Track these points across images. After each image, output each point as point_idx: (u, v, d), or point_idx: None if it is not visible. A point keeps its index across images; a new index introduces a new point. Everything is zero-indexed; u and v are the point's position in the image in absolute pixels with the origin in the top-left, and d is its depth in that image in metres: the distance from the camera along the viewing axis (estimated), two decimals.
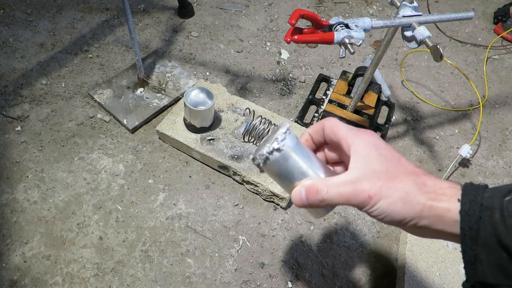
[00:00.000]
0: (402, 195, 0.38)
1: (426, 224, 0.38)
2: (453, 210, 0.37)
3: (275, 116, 1.05)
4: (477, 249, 0.36)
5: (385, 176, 0.38)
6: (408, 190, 0.38)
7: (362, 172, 0.39)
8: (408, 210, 0.38)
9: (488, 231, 0.35)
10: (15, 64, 1.15)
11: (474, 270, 0.37)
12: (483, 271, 0.36)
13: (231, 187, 0.99)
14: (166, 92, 1.12)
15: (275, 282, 0.86)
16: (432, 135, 1.17)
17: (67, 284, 0.81)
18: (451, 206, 0.37)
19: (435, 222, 0.38)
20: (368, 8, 1.52)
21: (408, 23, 0.74)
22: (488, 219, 0.36)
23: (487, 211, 0.36)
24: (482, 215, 0.36)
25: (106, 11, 1.35)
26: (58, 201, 0.92)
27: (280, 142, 0.43)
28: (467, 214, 0.36)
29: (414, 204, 0.38)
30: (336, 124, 0.44)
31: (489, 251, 0.35)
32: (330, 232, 0.95)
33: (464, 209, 0.36)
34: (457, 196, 0.37)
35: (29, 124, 1.04)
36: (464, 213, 0.36)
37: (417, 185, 0.38)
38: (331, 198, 0.40)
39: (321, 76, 1.23)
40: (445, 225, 0.38)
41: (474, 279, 0.37)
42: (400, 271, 0.88)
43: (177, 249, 0.88)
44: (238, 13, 1.42)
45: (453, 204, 0.37)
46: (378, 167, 0.39)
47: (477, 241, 0.36)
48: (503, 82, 1.35)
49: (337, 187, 0.40)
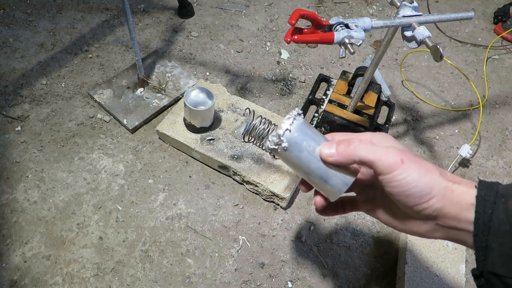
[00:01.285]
0: (429, 170, 0.40)
1: (443, 206, 0.39)
2: (469, 195, 0.38)
3: (275, 116, 1.06)
4: (489, 235, 0.36)
5: (411, 156, 0.41)
6: (432, 170, 0.40)
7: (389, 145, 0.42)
8: (433, 185, 0.39)
9: (502, 218, 0.36)
10: (15, 64, 1.15)
11: (484, 257, 0.37)
12: (494, 261, 0.36)
13: (231, 187, 0.99)
14: (166, 92, 1.12)
15: (275, 282, 0.86)
16: (432, 135, 1.17)
17: (67, 284, 0.81)
18: (468, 191, 0.39)
19: (452, 204, 0.39)
20: (368, 8, 1.52)
21: (408, 23, 0.74)
22: (503, 206, 0.36)
23: (502, 198, 0.37)
24: (497, 201, 0.37)
25: (106, 11, 1.35)
26: (58, 201, 0.92)
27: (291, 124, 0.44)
28: (483, 199, 0.37)
29: (437, 181, 0.39)
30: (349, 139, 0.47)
31: (502, 239, 0.36)
32: (330, 232, 0.95)
33: (481, 194, 0.38)
34: (474, 184, 0.39)
35: (29, 124, 1.04)
36: (480, 198, 0.38)
37: (438, 170, 0.40)
38: (362, 152, 0.41)
39: (321, 76, 1.23)
40: (459, 207, 0.38)
41: (484, 268, 0.37)
42: (400, 271, 0.88)
43: (177, 249, 0.88)
44: (238, 13, 1.42)
45: (469, 190, 0.39)
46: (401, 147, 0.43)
47: (489, 227, 0.36)
48: (503, 82, 1.35)
49: (370, 145, 0.42)
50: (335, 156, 0.42)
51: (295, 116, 0.44)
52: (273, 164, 0.97)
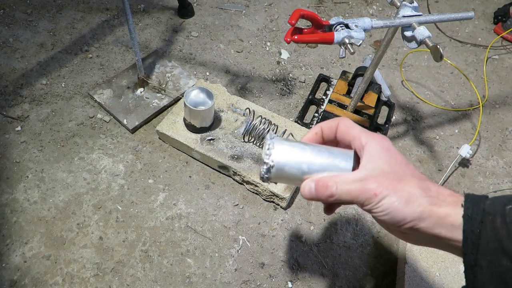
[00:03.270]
0: (406, 196, 0.39)
1: (425, 226, 0.39)
2: (453, 215, 0.38)
3: (275, 116, 1.06)
4: (478, 254, 0.36)
5: (392, 177, 0.41)
6: (412, 191, 0.40)
7: (371, 172, 0.41)
8: (409, 211, 0.39)
9: (490, 236, 0.36)
10: (15, 64, 1.15)
11: (473, 275, 0.37)
12: (483, 278, 0.36)
13: (231, 187, 0.99)
14: (166, 92, 1.12)
15: (275, 282, 0.86)
16: (432, 135, 1.17)
17: (67, 284, 0.81)
18: (452, 212, 0.38)
19: (434, 225, 0.39)
20: (368, 8, 1.52)
21: (408, 23, 0.74)
22: (490, 224, 0.36)
23: (489, 216, 0.37)
24: (484, 219, 0.37)
25: (106, 11, 1.35)
26: (58, 201, 0.92)
27: (269, 158, 0.45)
28: (470, 218, 0.37)
29: (416, 205, 0.39)
30: (351, 124, 0.47)
31: (490, 257, 0.36)
32: (330, 232, 0.95)
33: (468, 213, 0.38)
34: (459, 203, 0.39)
35: (29, 124, 1.04)
36: (467, 217, 0.37)
37: (422, 188, 0.40)
38: (340, 194, 0.42)
39: (321, 76, 1.23)
40: (444, 229, 0.39)
41: (474, 285, 0.37)
42: (400, 271, 0.88)
43: (177, 249, 0.88)
44: (238, 13, 1.42)
45: (453, 210, 0.39)
46: (387, 168, 0.41)
47: (478, 246, 0.37)
48: (503, 82, 1.35)
49: (346, 184, 0.42)
50: (314, 196, 0.44)
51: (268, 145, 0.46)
52: None
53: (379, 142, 0.43)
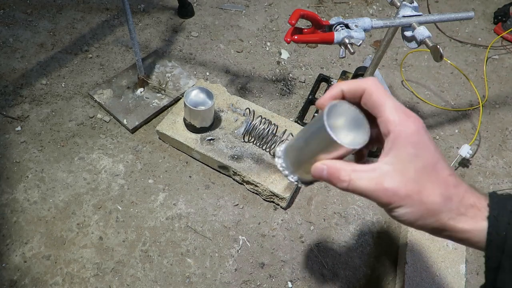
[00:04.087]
0: (423, 210, 0.37)
1: (440, 235, 0.39)
2: (472, 232, 0.37)
3: (275, 116, 1.05)
4: (503, 257, 0.35)
5: (412, 186, 0.36)
6: (431, 206, 0.37)
7: (390, 172, 0.37)
8: (424, 223, 0.37)
9: None
10: (15, 64, 1.15)
11: (495, 276, 0.36)
12: (503, 279, 0.36)
13: (231, 187, 0.99)
14: (166, 92, 1.12)
15: (275, 282, 0.86)
16: (432, 135, 1.17)
17: (67, 284, 0.81)
18: (471, 229, 0.37)
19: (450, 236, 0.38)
20: (368, 8, 1.52)
21: (408, 23, 0.74)
22: None
23: None
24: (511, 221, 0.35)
25: (106, 11, 1.34)
26: (58, 201, 0.92)
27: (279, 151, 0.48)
28: (495, 219, 0.36)
29: (432, 220, 0.37)
30: (380, 93, 0.39)
31: None
32: (330, 232, 0.95)
33: (493, 214, 0.36)
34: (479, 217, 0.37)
35: (29, 124, 1.04)
36: (493, 218, 0.36)
37: (443, 199, 0.37)
38: (353, 189, 0.39)
39: (321, 76, 1.23)
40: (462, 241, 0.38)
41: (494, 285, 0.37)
42: (400, 271, 0.88)
43: (177, 249, 0.88)
44: (238, 13, 1.42)
45: (473, 226, 0.37)
46: (409, 172, 0.37)
47: (503, 249, 0.35)
48: (503, 82, 1.35)
49: (360, 181, 0.38)
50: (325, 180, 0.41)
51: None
52: (273, 164, 0.97)
53: (408, 133, 0.37)
